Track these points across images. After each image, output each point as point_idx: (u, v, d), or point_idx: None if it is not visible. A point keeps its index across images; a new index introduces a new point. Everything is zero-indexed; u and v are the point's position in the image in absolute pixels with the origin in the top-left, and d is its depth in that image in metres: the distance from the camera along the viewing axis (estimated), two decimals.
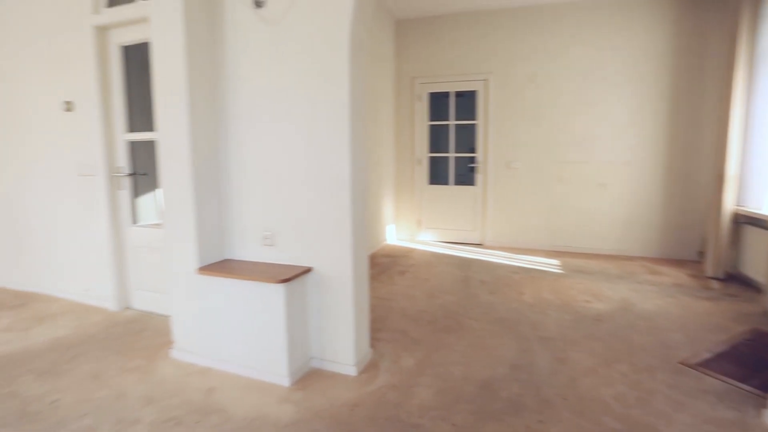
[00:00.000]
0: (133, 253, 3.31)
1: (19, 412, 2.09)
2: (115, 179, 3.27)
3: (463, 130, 5.85)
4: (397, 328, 3.04)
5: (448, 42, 5.62)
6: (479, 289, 3.91)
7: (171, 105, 2.38)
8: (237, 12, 2.43)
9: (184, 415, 2.06)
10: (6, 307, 3.50)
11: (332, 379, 2.37)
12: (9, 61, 3.61)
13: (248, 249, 2.57)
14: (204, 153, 2.44)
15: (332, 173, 2.31)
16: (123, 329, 3.04)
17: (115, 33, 3.14)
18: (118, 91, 3.20)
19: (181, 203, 2.42)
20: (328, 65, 2.25)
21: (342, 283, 2.37)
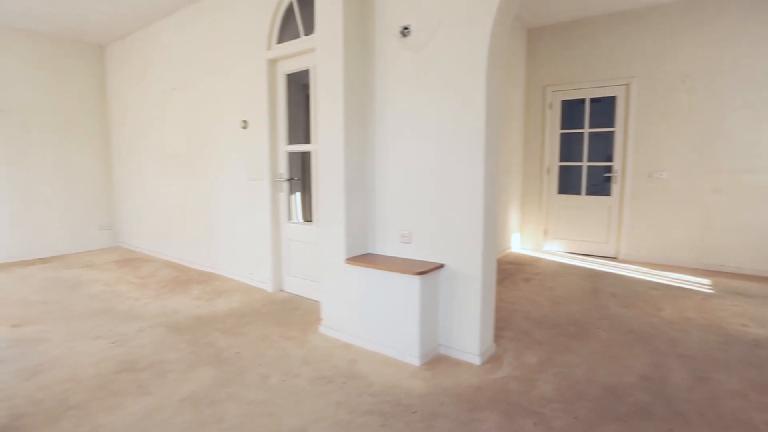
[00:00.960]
0: (287, 245, 3.96)
1: (215, 357, 2.72)
2: (277, 183, 3.95)
3: (599, 138, 5.62)
4: (520, 329, 3.14)
5: (584, 47, 5.48)
6: (610, 301, 3.78)
7: (329, 122, 2.87)
8: (385, 41, 2.84)
9: (333, 376, 2.48)
10: (195, 282, 4.44)
11: (457, 365, 2.60)
12: (208, 88, 4.59)
13: (387, 245, 2.95)
14: (353, 163, 2.88)
15: (466, 181, 2.55)
16: (279, 307, 3.66)
17: (282, 64, 3.82)
18: (281, 111, 3.88)
19: (334, 205, 2.90)
20: (466, 84, 2.51)
21: (471, 279, 2.59)
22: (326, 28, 2.83)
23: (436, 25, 2.59)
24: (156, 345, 2.91)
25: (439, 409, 2.14)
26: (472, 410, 2.13)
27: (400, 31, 2.74)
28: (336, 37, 2.78)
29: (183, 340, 2.99)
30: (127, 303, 3.78)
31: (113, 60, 6.02)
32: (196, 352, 2.79)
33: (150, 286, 4.29)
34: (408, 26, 2.71)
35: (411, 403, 2.20)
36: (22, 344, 2.95)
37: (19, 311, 3.61)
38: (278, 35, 3.78)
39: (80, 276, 4.73)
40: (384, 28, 2.83)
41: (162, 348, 2.87)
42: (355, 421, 2.04)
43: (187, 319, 3.40)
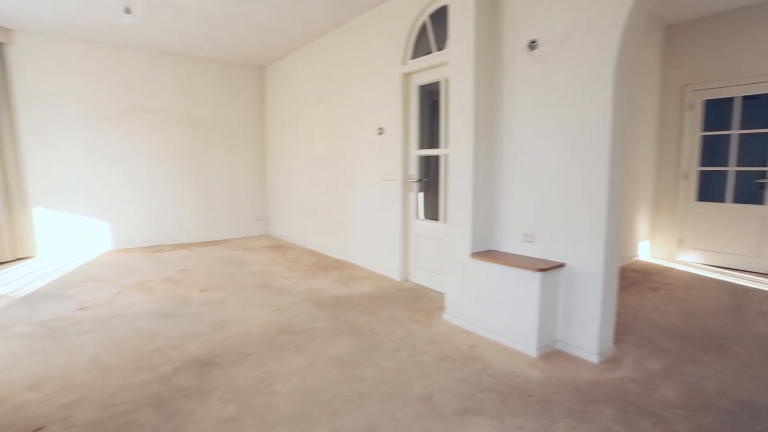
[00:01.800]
0: (414, 240, 4.37)
1: (353, 330, 3.22)
2: (407, 184, 4.39)
3: (752, 140, 5.05)
4: (644, 336, 3.12)
5: (733, 41, 4.98)
6: (757, 319, 3.49)
7: (459, 129, 3.19)
8: (513, 55, 3.06)
9: (455, 356, 2.80)
10: (332, 268, 5.10)
11: (574, 361, 2.73)
12: (349, 99, 5.23)
13: (509, 243, 3.17)
14: (480, 166, 3.16)
15: (590, 184, 2.67)
16: (406, 294, 4.09)
17: (415, 77, 4.24)
18: (413, 119, 4.30)
19: (462, 204, 3.21)
20: (592, 91, 2.63)
21: (591, 280, 2.70)
22: (458, 45, 3.15)
23: (564, 37, 2.75)
24: (306, 315, 3.53)
25: (554, 396, 2.33)
26: (588, 402, 2.28)
27: (528, 44, 2.94)
28: (467, 53, 3.08)
29: (326, 314, 3.57)
30: (280, 281, 4.55)
31: (270, 78, 7.10)
32: (338, 325, 3.33)
33: (296, 269, 5.06)
34: (536, 40, 2.90)
35: (527, 387, 2.42)
36: (209, 304, 3.79)
37: (204, 280, 4.58)
38: (413, 51, 4.21)
39: (243, 257, 5.74)
40: (512, 42, 3.06)
41: (310, 318, 3.46)
42: (476, 395, 2.34)
43: (328, 297, 4.00)
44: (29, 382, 2.45)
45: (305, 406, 2.22)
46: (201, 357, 2.78)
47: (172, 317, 3.48)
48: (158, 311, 3.62)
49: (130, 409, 2.20)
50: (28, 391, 2.36)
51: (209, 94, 6.77)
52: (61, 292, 4.12)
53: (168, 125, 6.45)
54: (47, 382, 2.45)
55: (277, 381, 2.48)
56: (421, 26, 4.11)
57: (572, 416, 2.15)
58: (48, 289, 4.22)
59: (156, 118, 6.35)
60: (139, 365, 2.67)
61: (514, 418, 2.13)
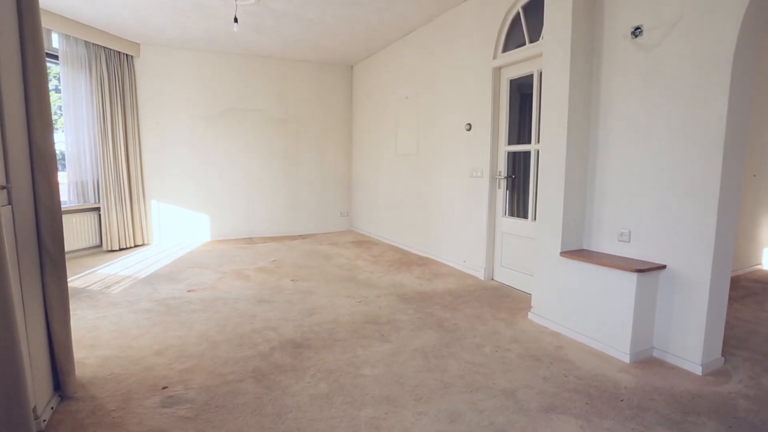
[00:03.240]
0: (501, 238, 4.31)
1: (437, 324, 3.28)
2: (495, 180, 4.34)
3: None
4: (760, 351, 2.80)
5: None
6: None
7: (553, 125, 3.10)
8: (613, 43, 2.90)
9: (541, 356, 2.74)
10: (415, 264, 5.20)
11: (673, 370, 2.54)
12: (436, 95, 5.28)
13: (602, 243, 3.02)
14: (574, 161, 3.05)
15: (698, 183, 2.46)
16: (491, 293, 4.05)
17: (506, 70, 4.17)
18: (503, 114, 4.24)
19: (552, 201, 3.12)
20: (705, 81, 2.42)
21: (697, 284, 2.49)
22: (554, 36, 3.07)
23: (673, 21, 2.56)
24: (390, 308, 3.65)
25: (648, 403, 2.20)
26: (687, 413, 2.11)
27: (631, 32, 2.78)
28: (563, 43, 2.99)
29: (410, 307, 3.66)
30: (364, 274, 4.74)
31: (359, 76, 7.38)
32: (422, 319, 3.40)
33: (380, 264, 5.24)
34: (640, 26, 2.73)
35: (618, 392, 2.31)
36: (299, 293, 4.07)
37: (294, 270, 4.92)
38: (504, 44, 4.15)
39: (329, 250, 6.05)
40: (612, 30, 2.90)
41: (395, 311, 3.58)
42: (561, 395, 2.28)
43: (412, 292, 4.09)
44: (155, 349, 2.84)
45: (391, 390, 2.33)
46: (294, 339, 3.02)
47: (267, 302, 3.79)
48: (255, 296, 3.96)
49: (235, 378, 2.46)
50: (154, 355, 2.74)
51: (301, 93, 7.20)
52: (173, 276, 4.67)
53: (263, 124, 6.99)
54: (168, 350, 2.82)
55: (364, 365, 2.62)
56: (513, 18, 4.03)
57: (668, 425, 2.02)
58: (162, 273, 4.80)
59: (253, 118, 6.91)
60: (242, 342, 2.96)
61: (602, 420, 2.05)
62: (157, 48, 6.23)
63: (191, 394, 2.29)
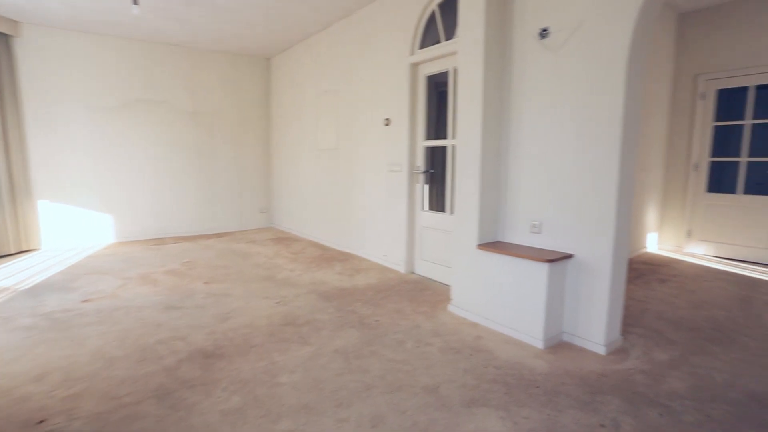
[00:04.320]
0: (420, 231, 4.33)
1: (358, 321, 3.21)
2: (414, 175, 4.35)
3: (765, 130, 4.96)
4: (651, 327, 3.08)
5: (748, 29, 4.87)
6: (766, 311, 3.43)
7: (468, 120, 3.14)
8: (523, 44, 2.99)
9: (461, 347, 2.77)
10: (336, 260, 5.08)
11: (581, 352, 2.70)
12: (355, 90, 5.18)
13: (516, 234, 3.13)
14: (489, 157, 3.11)
15: (600, 175, 2.62)
16: (411, 286, 4.06)
17: (423, 67, 4.18)
18: (420, 109, 4.24)
19: (469, 195, 3.17)
20: (604, 80, 2.57)
21: (600, 271, 2.66)
22: (468, 34, 3.09)
23: (576, 25, 2.68)
24: (310, 307, 3.51)
25: (560, 387, 2.30)
26: (595, 393, 2.25)
27: (539, 33, 2.88)
28: (477, 42, 3.02)
29: (331, 305, 3.55)
30: (284, 273, 4.54)
31: (276, 69, 7.05)
32: (343, 317, 3.31)
33: (301, 261, 5.05)
34: (547, 28, 2.84)
35: (534, 379, 2.39)
36: (213, 296, 3.79)
37: (207, 272, 4.58)
38: (421, 41, 4.15)
39: (246, 249, 5.73)
40: (523, 31, 2.99)
41: (315, 310, 3.45)
42: (482, 387, 2.31)
43: (333, 289, 3.98)
44: (33, 374, 2.44)
45: (310, 398, 2.21)
46: (205, 348, 2.77)
47: (177, 309, 3.47)
48: (162, 303, 3.61)
49: (134, 400, 2.19)
50: (31, 383, 2.36)
51: (214, 86, 6.73)
52: (65, 284, 4.12)
53: (173, 117, 6.43)
54: (51, 374, 2.44)
55: (281, 372, 2.47)
56: (429, 15, 4.04)
57: (579, 407, 2.12)
58: (52, 281, 4.23)
59: (161, 111, 6.33)
60: (144, 357, 2.66)
61: (520, 408, 2.11)
62: (46, 29, 5.44)
63: (76, 426, 1.98)
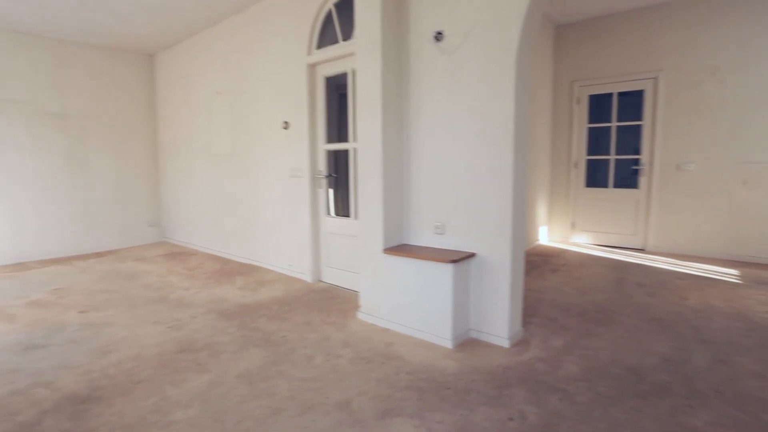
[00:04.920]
0: (325, 238, 4.21)
1: (263, 339, 2.99)
2: (316, 180, 4.21)
3: (626, 132, 5.66)
4: (547, 316, 3.30)
5: (611, 42, 5.53)
6: (635, 290, 3.88)
7: (368, 122, 3.09)
8: (420, 46, 3.03)
9: (372, 356, 2.70)
10: (238, 273, 4.75)
11: (487, 347, 2.79)
12: (251, 91, 4.88)
13: (422, 236, 3.15)
14: (390, 159, 3.09)
15: (496, 175, 2.72)
16: (319, 296, 3.92)
17: (321, 67, 4.06)
18: (320, 112, 4.12)
19: (372, 199, 3.12)
20: (496, 84, 2.68)
21: (500, 267, 2.77)
22: (365, 35, 3.05)
23: (468, 29, 2.77)
24: (209, 329, 3.21)
25: (471, 385, 2.34)
26: (502, 387, 2.32)
27: (434, 36, 2.93)
28: (374, 43, 2.99)
29: (233, 324, 3.28)
30: (178, 292, 4.12)
31: (162, 67, 6.42)
32: (246, 336, 3.07)
33: (198, 277, 4.63)
34: (441, 31, 2.89)
35: (445, 380, 2.41)
36: (90, 328, 3.29)
37: (84, 299, 3.98)
38: (318, 41, 4.02)
39: (133, 268, 5.12)
40: (419, 33, 3.02)
41: (215, 332, 3.15)
42: (395, 395, 2.26)
43: (235, 306, 3.69)
44: None
45: None
46: (78, 393, 2.37)
47: (40, 348, 2.95)
48: (20, 343, 3.04)
49: None
50: None
51: (86, 83, 5.90)
52: None
53: (31, 119, 5.50)
54: None
55: (175, 408, 2.19)
56: (326, 14, 3.93)
57: (489, 403, 2.16)
58: None
59: (13, 111, 5.37)
60: None
61: (433, 413, 2.09)
62: None
63: None
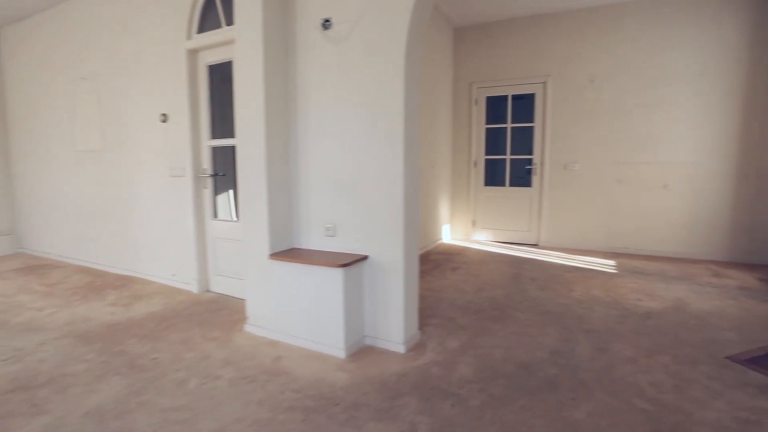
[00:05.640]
0: (213, 243, 3.80)
1: (128, 365, 2.56)
2: (200, 179, 3.79)
3: (521, 133, 5.93)
4: (445, 316, 3.26)
5: (505, 47, 5.75)
6: (529, 285, 4.02)
7: (249, 114, 2.79)
8: (307, 34, 2.79)
9: (256, 375, 2.42)
10: (111, 287, 4.14)
11: (383, 355, 2.64)
12: (123, 77, 4.28)
13: (312, 239, 2.92)
14: (276, 155, 2.82)
15: (387, 172, 2.58)
16: (204, 308, 3.51)
17: (203, 54, 3.66)
18: (203, 104, 3.71)
19: (257, 199, 2.82)
20: (386, 78, 2.53)
21: (394, 270, 2.64)
22: (245, 19, 2.74)
23: (356, 18, 2.59)
24: (60, 358, 2.69)
25: (361, 399, 2.17)
26: (394, 397, 2.17)
27: (321, 23, 2.71)
28: (255, 28, 2.70)
29: (92, 350, 2.79)
30: (27, 314, 3.45)
31: (8, 44, 5.43)
32: (107, 362, 2.61)
33: (58, 294, 3.94)
34: (329, 19, 2.69)
35: (334, 395, 2.21)
36: None
37: None
38: (199, 24, 3.61)
39: None
40: (306, 20, 2.79)
41: (67, 360, 2.65)
42: (276, 419, 2.02)
43: (99, 327, 3.16)
44: None
45: None
46: None
47: None
48: None
49: None
50: None
51: None
52: None
53: None
54: None
55: None
56: None
57: (379, 417, 2.01)
58: None
59: None
60: None
61: None
62: None
63: None
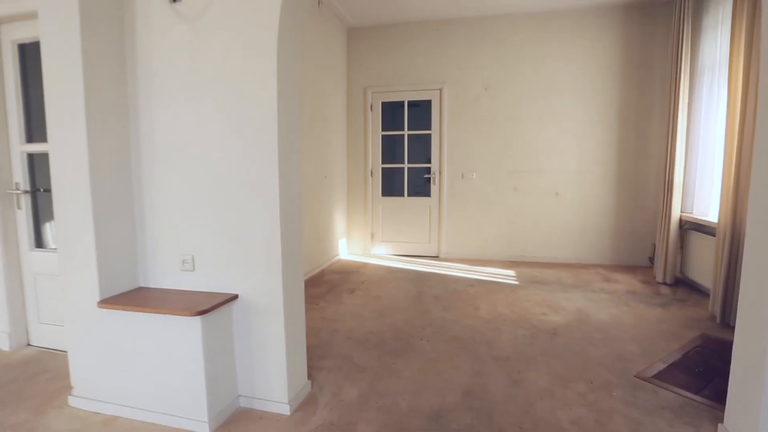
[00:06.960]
0: (33, 281, 2.86)
1: None
2: (12, 196, 2.83)
3: (418, 141, 5.70)
4: (341, 354, 2.77)
5: (401, 51, 5.49)
6: (433, 305, 3.70)
7: (64, 113, 2.03)
8: (149, 6, 2.13)
9: None
10: None
11: (262, 420, 2.06)
12: None
13: (165, 275, 2.23)
14: (107, 165, 2.09)
15: (260, 188, 2.02)
16: (15, 373, 2.58)
17: (8, 29, 2.74)
18: (12, 95, 2.78)
19: (78, 224, 2.06)
20: (254, 67, 1.98)
21: (272, 310, 2.08)
22: None
23: None
24: None
25: None
26: None
27: None
28: None
29: None
30: None
31: None
32: None
33: None
34: None
35: None
36: None
37: None
38: None
39: None
40: None
41: None
42: None
43: None
44: None
45: None
46: None
47: None
48: None
49: None
50: None
51: None
52: None
53: None
54: None
55: None
56: None
57: None
58: None
59: None
60: None
61: None
62: None
63: None
